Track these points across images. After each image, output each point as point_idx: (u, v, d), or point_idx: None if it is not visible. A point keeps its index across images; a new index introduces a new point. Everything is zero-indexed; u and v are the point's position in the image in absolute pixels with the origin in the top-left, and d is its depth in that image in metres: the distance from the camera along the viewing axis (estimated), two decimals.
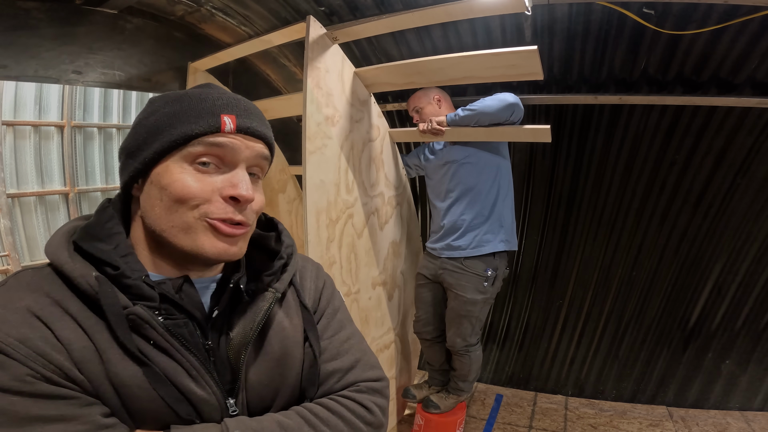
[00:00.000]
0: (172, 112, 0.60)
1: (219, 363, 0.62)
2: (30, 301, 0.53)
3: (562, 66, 2.18)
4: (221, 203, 0.59)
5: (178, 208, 0.58)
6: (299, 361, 0.69)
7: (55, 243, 0.59)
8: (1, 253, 3.28)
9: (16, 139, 3.42)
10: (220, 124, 0.59)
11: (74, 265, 0.56)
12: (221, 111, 0.60)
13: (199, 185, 0.58)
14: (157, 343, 0.57)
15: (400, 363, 2.47)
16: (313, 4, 2.01)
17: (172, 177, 0.58)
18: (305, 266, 0.79)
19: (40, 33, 1.74)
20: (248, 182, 0.61)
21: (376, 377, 0.72)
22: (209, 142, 0.59)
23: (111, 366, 0.54)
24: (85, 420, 0.51)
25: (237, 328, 0.64)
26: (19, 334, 0.50)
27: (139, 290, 0.57)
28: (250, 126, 0.62)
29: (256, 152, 0.63)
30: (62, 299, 0.55)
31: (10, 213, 3.35)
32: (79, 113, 3.83)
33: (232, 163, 0.61)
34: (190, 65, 2.30)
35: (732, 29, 1.80)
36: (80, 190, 3.87)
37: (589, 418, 2.72)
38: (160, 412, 0.56)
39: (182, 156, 0.59)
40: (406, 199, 2.44)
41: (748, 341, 2.62)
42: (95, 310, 0.55)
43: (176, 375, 0.57)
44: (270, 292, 0.67)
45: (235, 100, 0.63)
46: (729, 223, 2.43)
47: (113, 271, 0.56)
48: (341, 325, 0.75)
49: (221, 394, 0.61)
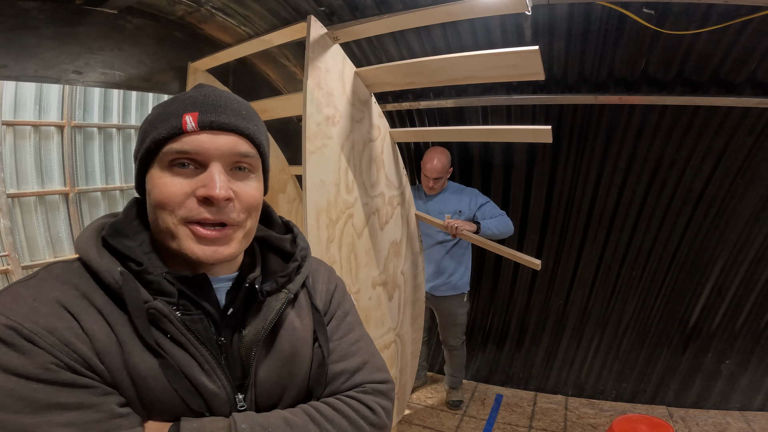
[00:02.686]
0: (152, 118, 0.62)
1: (231, 359, 0.63)
2: (59, 292, 0.55)
3: (562, 66, 2.18)
4: (195, 205, 0.58)
5: (160, 213, 0.59)
6: (308, 361, 0.70)
7: (85, 238, 0.61)
8: (1, 253, 3.27)
9: (16, 139, 3.42)
10: (181, 125, 0.58)
11: (101, 260, 0.58)
12: (184, 110, 0.59)
13: (173, 189, 0.58)
14: (174, 337, 0.59)
15: (400, 363, 2.46)
16: (313, 4, 2.01)
17: (153, 183, 0.60)
18: (318, 269, 0.80)
19: (40, 33, 1.74)
20: (222, 180, 0.59)
21: (382, 379, 0.73)
22: (175, 148, 0.58)
23: (130, 357, 0.56)
24: (102, 408, 0.53)
25: (249, 326, 0.65)
26: (48, 323, 0.52)
27: (159, 286, 0.59)
28: (214, 120, 0.59)
29: (229, 146, 0.60)
30: (89, 292, 0.57)
31: (10, 213, 3.35)
32: (79, 113, 3.82)
33: (204, 162, 0.59)
34: (190, 65, 2.29)
35: (732, 29, 1.80)
36: (80, 190, 3.86)
37: (589, 418, 2.72)
38: (173, 404, 0.58)
39: (159, 161, 0.60)
40: (407, 200, 2.44)
41: (748, 341, 2.62)
42: (119, 303, 0.57)
43: (190, 368, 0.59)
44: (283, 292, 0.68)
45: (204, 96, 0.61)
46: (729, 223, 2.43)
47: (137, 267, 0.58)
48: (350, 327, 0.77)
49: (231, 389, 0.62)
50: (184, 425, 0.57)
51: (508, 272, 2.97)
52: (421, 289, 2.67)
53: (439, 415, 2.78)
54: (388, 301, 2.27)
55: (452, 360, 2.90)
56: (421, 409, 2.85)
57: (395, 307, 2.36)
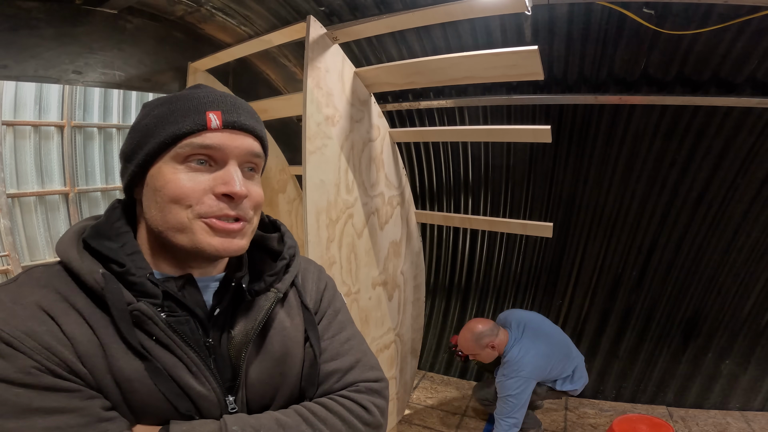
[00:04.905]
0: (161, 114, 0.61)
1: (220, 360, 0.63)
2: (39, 296, 0.55)
3: (562, 66, 2.18)
4: (214, 201, 0.59)
5: (172, 208, 0.59)
6: (300, 361, 0.69)
7: (66, 241, 0.60)
8: (1, 253, 3.28)
9: (16, 139, 3.42)
10: (205, 122, 0.59)
11: (82, 262, 0.57)
12: (207, 108, 0.60)
13: (191, 185, 0.59)
14: (159, 339, 0.58)
15: (400, 363, 2.47)
16: (313, 4, 2.01)
17: (165, 178, 0.59)
18: (307, 268, 0.79)
19: (40, 33, 1.75)
20: (241, 178, 0.61)
21: (375, 378, 0.72)
22: (196, 143, 0.59)
23: (114, 360, 0.55)
24: (85, 412, 0.52)
25: (238, 326, 0.65)
26: (27, 327, 0.52)
27: (143, 287, 0.58)
28: (236, 120, 0.61)
29: (246, 147, 0.62)
30: (70, 295, 0.56)
31: (10, 213, 3.35)
32: (79, 113, 3.82)
33: (223, 160, 0.61)
34: (190, 65, 2.30)
35: (732, 29, 1.80)
36: (80, 190, 3.86)
37: (589, 418, 2.72)
38: (160, 407, 0.57)
39: (172, 156, 0.59)
40: (406, 200, 2.44)
41: (748, 341, 2.62)
42: (101, 306, 0.56)
43: (176, 370, 0.58)
44: (272, 292, 0.68)
45: (222, 96, 0.63)
46: (729, 223, 2.43)
47: (119, 269, 0.58)
48: (342, 326, 0.76)
49: (221, 390, 0.61)
50: (173, 428, 0.56)
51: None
52: (421, 289, 2.67)
53: (439, 415, 2.78)
54: (388, 301, 2.28)
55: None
56: (421, 409, 2.85)
57: (395, 307, 2.37)
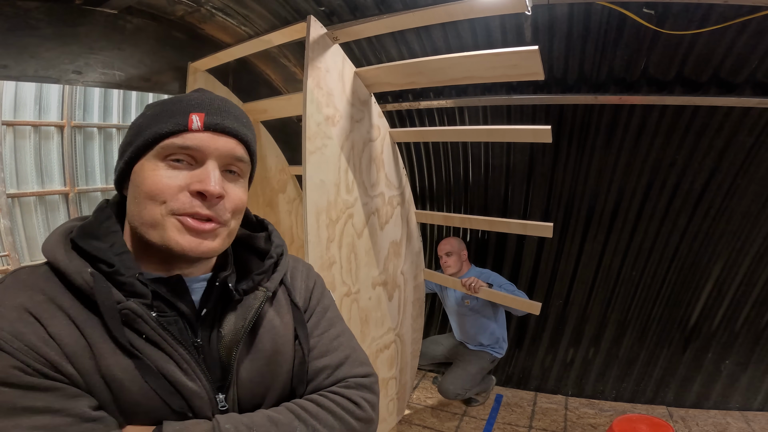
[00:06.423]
0: (153, 114, 0.62)
1: (209, 360, 0.63)
2: (25, 298, 0.55)
3: (562, 66, 2.18)
4: (188, 198, 0.59)
5: (147, 204, 0.59)
6: (290, 359, 0.70)
7: (52, 241, 0.60)
8: (1, 253, 3.28)
9: (16, 139, 3.42)
10: (187, 123, 0.60)
11: (70, 262, 0.57)
12: (192, 110, 0.61)
13: (167, 181, 0.59)
14: (149, 337, 0.58)
15: (400, 363, 2.46)
16: (313, 4, 2.01)
17: (144, 174, 0.60)
18: (296, 266, 0.80)
19: (40, 33, 1.74)
20: (218, 178, 0.60)
21: (364, 373, 0.73)
22: (177, 143, 0.59)
23: (102, 360, 0.55)
24: (72, 412, 0.52)
25: (228, 325, 0.65)
26: (13, 328, 0.52)
27: (132, 287, 0.58)
28: (219, 123, 0.61)
29: (228, 149, 0.62)
30: (56, 296, 0.56)
31: (10, 213, 3.35)
32: (79, 113, 3.83)
33: (202, 160, 0.61)
34: (190, 65, 2.29)
35: (732, 29, 1.80)
36: (80, 190, 3.87)
37: (589, 418, 2.72)
38: (152, 405, 0.57)
39: (155, 154, 0.60)
40: (407, 200, 2.44)
41: (748, 341, 2.62)
42: (89, 306, 0.56)
43: (168, 367, 0.58)
44: (261, 290, 0.68)
45: (212, 100, 0.63)
46: (729, 223, 2.43)
47: (108, 269, 0.58)
48: (331, 323, 0.76)
49: (211, 389, 0.62)
50: (166, 428, 0.56)
51: (507, 272, 2.97)
52: (421, 289, 2.67)
53: (439, 415, 2.78)
54: (388, 301, 2.27)
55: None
56: (421, 409, 2.85)
57: (395, 307, 2.36)
